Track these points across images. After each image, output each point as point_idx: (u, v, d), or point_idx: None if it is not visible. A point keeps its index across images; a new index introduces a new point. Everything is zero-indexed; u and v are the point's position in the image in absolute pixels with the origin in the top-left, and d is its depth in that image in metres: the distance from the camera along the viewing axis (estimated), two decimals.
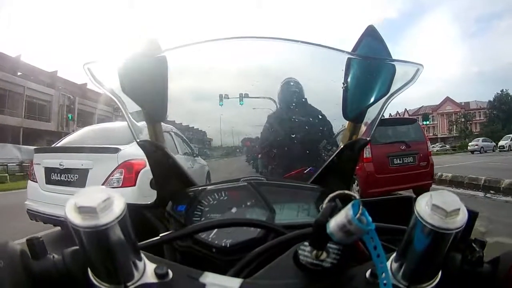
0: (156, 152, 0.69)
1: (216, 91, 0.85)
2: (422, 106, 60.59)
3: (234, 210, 0.65)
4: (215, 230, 0.57)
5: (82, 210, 0.32)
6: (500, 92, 51.01)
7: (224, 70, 0.78)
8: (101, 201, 0.32)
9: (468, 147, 32.49)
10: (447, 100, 59.13)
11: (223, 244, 0.56)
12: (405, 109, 59.42)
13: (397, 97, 0.65)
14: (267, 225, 0.57)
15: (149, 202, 0.71)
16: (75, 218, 0.32)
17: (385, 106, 0.66)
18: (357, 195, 0.38)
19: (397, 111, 59.14)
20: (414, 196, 0.58)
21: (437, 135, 58.21)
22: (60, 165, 3.91)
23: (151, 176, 0.71)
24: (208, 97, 0.86)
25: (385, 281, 0.36)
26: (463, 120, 54.26)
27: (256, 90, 0.84)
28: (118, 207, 0.33)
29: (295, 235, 0.48)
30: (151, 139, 0.69)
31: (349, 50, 0.67)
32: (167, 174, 0.72)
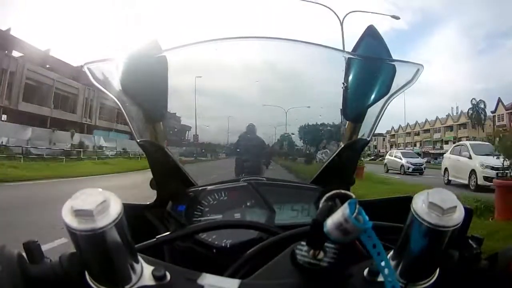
0: (156, 152, 0.69)
1: (215, 91, 0.85)
2: None
3: (234, 210, 0.65)
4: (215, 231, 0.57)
5: (78, 213, 0.32)
6: None
7: (223, 70, 0.78)
8: (98, 204, 0.32)
9: None
10: None
11: (223, 245, 0.57)
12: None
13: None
14: (259, 226, 0.57)
15: (149, 202, 0.72)
16: (72, 222, 0.32)
17: (385, 106, 0.66)
18: (353, 195, 0.38)
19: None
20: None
21: None
22: None
23: None
24: (207, 96, 0.85)
25: (390, 279, 0.35)
26: None
27: (255, 90, 0.84)
28: (114, 210, 0.33)
29: (291, 234, 0.48)
30: (151, 139, 0.69)
31: (349, 50, 0.67)
32: (167, 174, 0.72)
